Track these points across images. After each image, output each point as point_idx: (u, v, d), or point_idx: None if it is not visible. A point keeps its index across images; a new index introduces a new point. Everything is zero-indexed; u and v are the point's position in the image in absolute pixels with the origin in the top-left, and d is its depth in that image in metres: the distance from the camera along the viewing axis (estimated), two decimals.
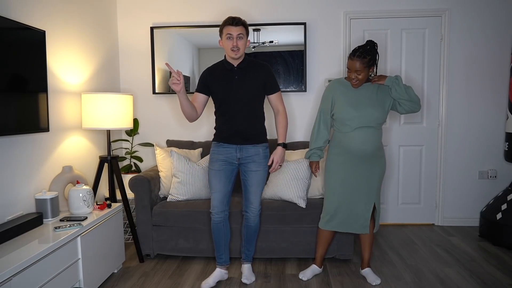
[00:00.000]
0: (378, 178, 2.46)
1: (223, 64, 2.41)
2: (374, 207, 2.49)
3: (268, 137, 2.60)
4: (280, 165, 2.47)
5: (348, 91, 2.43)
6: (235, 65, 2.37)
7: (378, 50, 2.38)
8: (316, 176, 2.74)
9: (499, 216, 3.16)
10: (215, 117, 2.49)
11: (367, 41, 2.38)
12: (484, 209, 3.39)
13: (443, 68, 3.60)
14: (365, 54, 2.30)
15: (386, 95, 2.42)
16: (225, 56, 2.40)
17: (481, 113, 3.63)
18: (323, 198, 3.01)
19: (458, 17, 3.56)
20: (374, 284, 2.50)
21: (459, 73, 3.61)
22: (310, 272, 2.63)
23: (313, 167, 2.61)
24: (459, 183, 3.69)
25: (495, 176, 3.65)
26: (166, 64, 2.27)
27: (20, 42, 2.20)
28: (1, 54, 2.05)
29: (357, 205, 2.45)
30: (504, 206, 3.17)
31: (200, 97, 2.44)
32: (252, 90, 2.37)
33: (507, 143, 3.30)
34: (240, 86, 2.35)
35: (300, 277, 2.60)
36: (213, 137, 2.52)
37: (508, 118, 3.31)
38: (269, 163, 2.46)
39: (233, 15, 2.34)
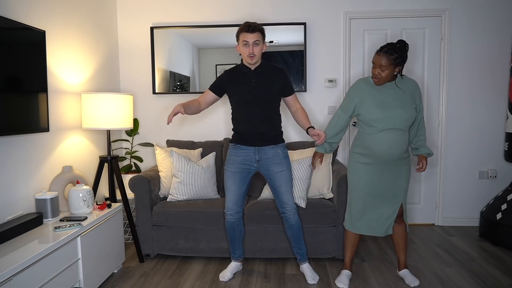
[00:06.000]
0: (405, 178, 2.40)
1: (240, 68, 2.45)
2: (402, 208, 2.44)
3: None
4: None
5: (375, 91, 2.35)
6: (252, 69, 2.41)
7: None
8: (313, 168, 2.65)
9: (499, 216, 3.16)
10: (231, 119, 2.53)
11: (399, 40, 2.28)
12: (484, 209, 3.39)
13: (443, 68, 3.60)
14: (393, 51, 2.21)
15: (412, 100, 2.34)
16: (241, 60, 2.44)
17: (481, 113, 3.63)
18: (323, 198, 3.02)
19: (458, 17, 3.56)
20: (412, 286, 2.46)
21: (459, 73, 3.61)
22: (345, 277, 2.53)
23: (315, 157, 2.54)
24: (459, 183, 3.69)
25: (495, 176, 3.65)
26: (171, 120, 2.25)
27: (20, 42, 2.20)
28: (1, 54, 2.05)
29: (383, 208, 2.41)
30: (504, 206, 3.17)
31: (211, 95, 2.50)
32: (268, 93, 2.40)
33: (507, 143, 3.30)
34: (257, 89, 2.39)
35: (340, 286, 2.47)
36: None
37: (508, 118, 3.32)
38: (316, 138, 2.31)
39: (249, 21, 2.37)
